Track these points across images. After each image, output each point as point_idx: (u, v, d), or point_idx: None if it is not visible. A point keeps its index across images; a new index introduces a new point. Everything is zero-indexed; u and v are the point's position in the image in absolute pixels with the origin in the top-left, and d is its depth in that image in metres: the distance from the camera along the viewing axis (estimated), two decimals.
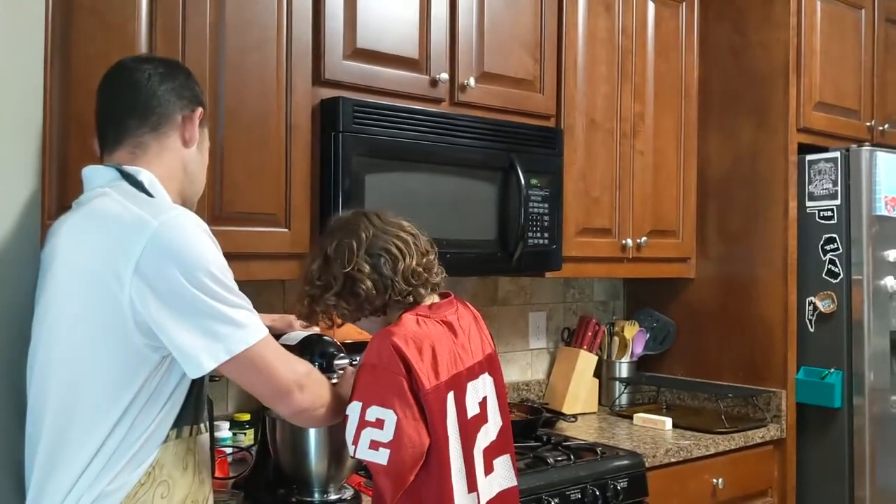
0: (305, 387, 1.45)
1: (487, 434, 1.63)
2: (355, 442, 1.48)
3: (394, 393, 1.48)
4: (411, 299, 1.59)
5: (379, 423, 1.47)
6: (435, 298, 1.66)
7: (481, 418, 1.62)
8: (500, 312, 2.97)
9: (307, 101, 2.09)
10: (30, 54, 1.48)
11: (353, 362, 1.97)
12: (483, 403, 1.63)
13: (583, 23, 2.71)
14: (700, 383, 3.05)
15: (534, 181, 2.48)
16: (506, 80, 2.50)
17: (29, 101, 1.48)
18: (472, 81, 2.39)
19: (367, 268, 1.56)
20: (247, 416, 2.31)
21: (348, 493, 1.96)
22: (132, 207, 1.35)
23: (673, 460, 2.50)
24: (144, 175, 1.43)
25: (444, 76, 2.33)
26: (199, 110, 1.53)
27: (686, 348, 3.15)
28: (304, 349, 1.90)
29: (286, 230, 2.06)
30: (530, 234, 2.48)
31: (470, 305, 1.74)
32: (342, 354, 1.91)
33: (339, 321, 1.65)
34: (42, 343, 1.39)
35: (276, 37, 2.04)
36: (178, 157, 1.50)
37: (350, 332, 2.56)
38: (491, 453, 1.63)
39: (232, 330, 1.34)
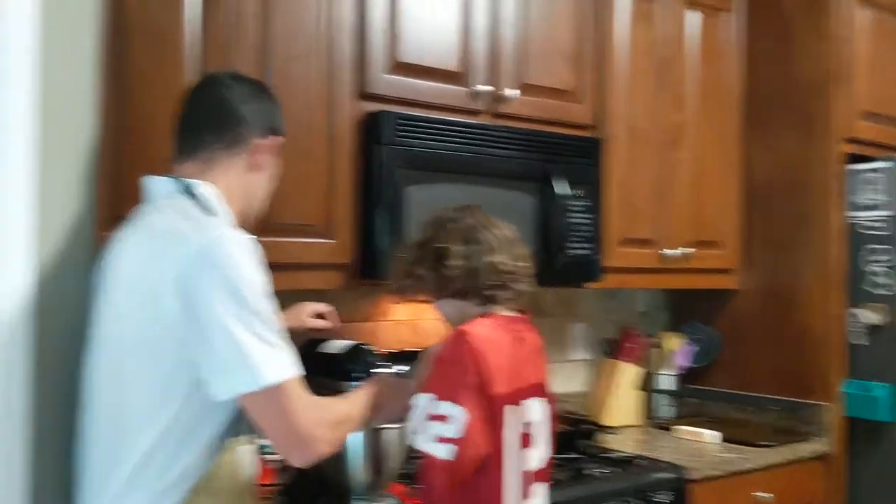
0: (324, 439, 1.40)
1: (533, 457, 1.65)
2: (419, 431, 1.51)
3: (467, 391, 1.50)
4: (491, 294, 1.63)
5: (447, 419, 1.49)
6: (512, 312, 1.69)
7: (531, 439, 1.64)
8: (541, 324, 2.91)
9: (350, 114, 2.12)
10: (82, 69, 1.53)
11: (399, 372, 1.99)
12: (534, 426, 1.65)
13: (624, 33, 2.71)
14: (745, 396, 3.01)
15: (574, 191, 2.48)
16: (546, 91, 2.51)
17: (82, 114, 1.54)
18: (512, 93, 2.41)
19: (459, 249, 1.61)
20: None
21: (391, 502, 1.97)
22: (180, 224, 1.37)
23: (717, 474, 2.47)
24: (203, 189, 1.45)
25: (484, 88, 2.35)
26: (272, 139, 1.56)
27: (731, 360, 3.11)
28: (347, 357, 1.93)
29: (329, 241, 2.09)
30: (570, 245, 2.47)
31: (538, 335, 1.75)
32: (385, 363, 1.94)
33: (424, 297, 1.68)
34: (93, 352, 1.43)
35: (319, 51, 2.08)
36: (242, 178, 1.53)
37: (393, 341, 2.59)
38: (533, 477, 1.65)
39: (259, 363, 1.32)
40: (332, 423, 1.44)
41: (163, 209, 1.42)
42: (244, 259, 1.35)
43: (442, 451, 1.48)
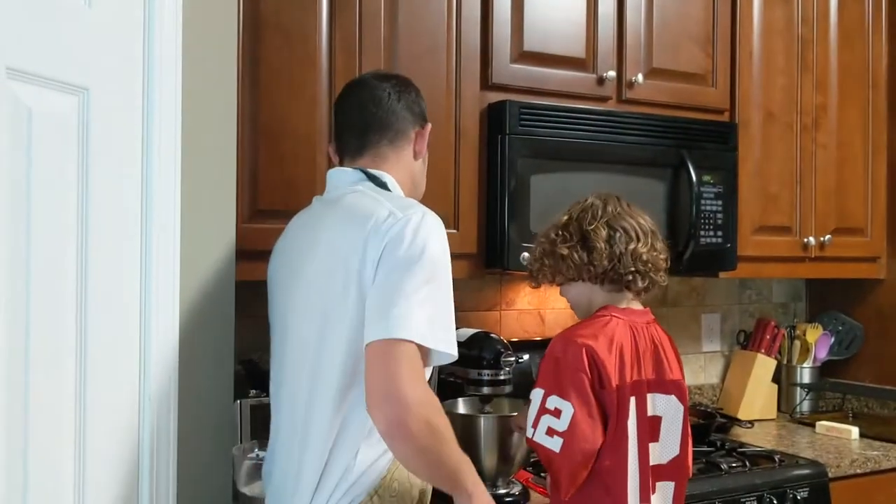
0: (417, 411, 1.32)
1: (658, 453, 1.64)
2: (534, 426, 1.56)
3: (573, 387, 1.54)
4: (629, 279, 1.64)
5: (556, 413, 1.53)
6: (636, 305, 1.70)
7: (655, 433, 1.64)
8: (670, 314, 2.91)
9: (475, 105, 2.15)
10: (223, 69, 1.62)
11: (520, 360, 2.01)
12: (658, 419, 1.65)
13: (758, 13, 2.61)
14: (890, 391, 2.84)
15: (706, 178, 2.41)
16: (676, 76, 2.46)
17: (225, 113, 1.62)
18: (640, 78, 2.37)
19: (604, 233, 1.64)
20: None
21: (516, 489, 1.99)
22: (385, 202, 1.46)
23: (859, 471, 2.36)
24: (388, 178, 1.58)
25: (612, 74, 2.32)
26: (428, 126, 1.68)
27: (875, 353, 2.95)
28: (473, 345, 1.95)
29: (454, 231, 2.12)
30: (702, 233, 2.41)
31: (664, 331, 1.74)
32: (509, 352, 1.95)
33: (558, 280, 1.70)
34: (297, 322, 1.51)
35: (445, 44, 2.11)
36: (408, 167, 1.65)
37: (518, 331, 2.60)
38: (657, 474, 1.64)
39: (397, 317, 1.34)
40: (436, 410, 1.37)
41: (362, 192, 1.51)
42: (439, 236, 1.44)
43: (554, 445, 1.53)
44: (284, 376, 1.56)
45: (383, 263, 1.39)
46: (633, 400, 1.58)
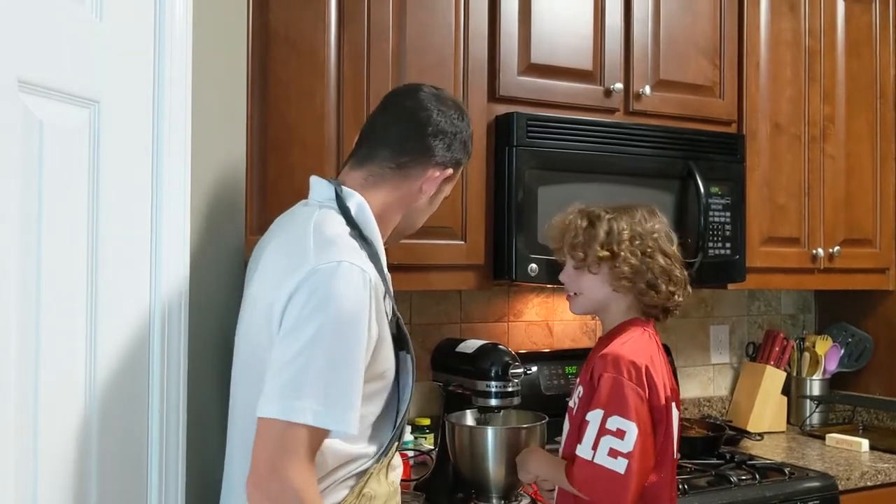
0: (270, 492, 1.26)
1: None
2: (594, 447, 1.55)
3: (636, 406, 1.55)
4: (663, 314, 1.69)
5: (619, 434, 1.53)
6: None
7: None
8: (679, 325, 2.90)
9: (483, 117, 2.15)
10: (234, 82, 1.63)
11: (528, 372, 2.00)
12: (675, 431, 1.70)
13: (765, 24, 2.61)
14: None
15: (714, 189, 2.41)
16: (683, 87, 2.46)
17: (234, 125, 1.63)
18: (647, 90, 2.37)
19: (662, 262, 1.65)
20: (427, 421, 2.39)
21: (525, 502, 1.98)
22: (311, 244, 1.34)
23: (869, 484, 2.35)
24: (354, 202, 1.42)
25: (619, 86, 2.32)
26: (449, 172, 1.52)
27: (885, 365, 2.93)
28: (481, 356, 1.95)
29: (462, 242, 2.13)
30: (711, 244, 2.41)
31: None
32: (517, 363, 1.95)
33: (593, 270, 1.68)
34: (236, 354, 1.47)
35: (453, 56, 2.12)
36: (406, 201, 1.50)
37: (525, 342, 2.60)
38: None
39: (291, 398, 1.26)
40: (298, 487, 1.27)
41: (306, 221, 1.41)
42: (348, 294, 1.29)
43: (619, 466, 1.53)
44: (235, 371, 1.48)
45: (288, 314, 1.29)
46: (673, 410, 1.64)
